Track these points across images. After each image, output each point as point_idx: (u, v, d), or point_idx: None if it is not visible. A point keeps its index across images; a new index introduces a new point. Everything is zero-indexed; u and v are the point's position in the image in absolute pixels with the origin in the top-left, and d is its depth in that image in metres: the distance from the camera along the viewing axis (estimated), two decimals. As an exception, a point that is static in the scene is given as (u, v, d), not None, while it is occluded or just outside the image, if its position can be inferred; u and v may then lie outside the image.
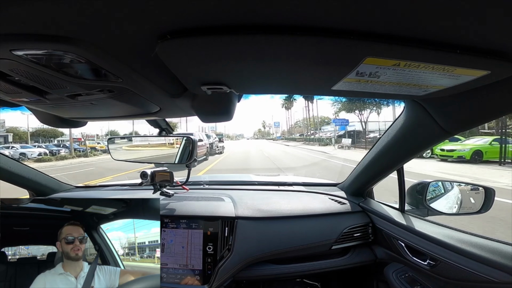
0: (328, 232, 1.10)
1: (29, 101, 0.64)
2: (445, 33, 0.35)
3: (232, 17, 0.32)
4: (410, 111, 0.78)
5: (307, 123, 42.27)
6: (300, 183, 1.52)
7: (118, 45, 0.40)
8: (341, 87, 0.52)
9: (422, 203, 1.06)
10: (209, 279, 0.97)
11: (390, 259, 1.09)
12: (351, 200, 1.25)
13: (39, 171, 1.32)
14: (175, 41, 0.36)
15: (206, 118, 0.85)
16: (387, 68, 0.42)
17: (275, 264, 1.06)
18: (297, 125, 62.14)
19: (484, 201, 0.95)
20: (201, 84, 0.52)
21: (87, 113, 0.80)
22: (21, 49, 0.38)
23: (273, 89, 0.60)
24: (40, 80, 0.49)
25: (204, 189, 1.44)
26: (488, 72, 0.43)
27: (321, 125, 42.14)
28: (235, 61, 0.42)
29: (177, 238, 1.03)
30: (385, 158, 1.00)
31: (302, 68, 0.45)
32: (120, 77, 0.50)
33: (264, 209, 1.12)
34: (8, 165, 1.13)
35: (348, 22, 0.32)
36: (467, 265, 0.78)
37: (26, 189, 1.29)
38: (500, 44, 0.37)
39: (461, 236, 0.85)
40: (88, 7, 0.30)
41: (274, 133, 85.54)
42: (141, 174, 1.11)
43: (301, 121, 53.12)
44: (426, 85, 0.50)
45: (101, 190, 1.54)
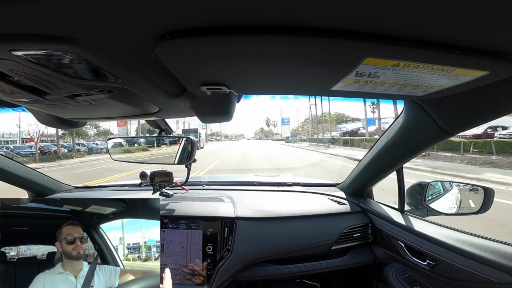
0: (328, 232, 1.10)
1: (28, 102, 0.64)
2: (445, 34, 0.35)
3: (232, 17, 0.32)
4: (410, 111, 0.78)
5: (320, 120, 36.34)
6: (300, 184, 1.51)
7: (118, 45, 0.40)
8: (341, 87, 0.52)
9: (421, 203, 1.06)
10: (209, 279, 0.97)
11: (389, 259, 1.09)
12: (351, 200, 1.25)
13: (38, 172, 1.32)
14: (175, 41, 0.36)
15: (206, 119, 0.85)
16: (387, 68, 0.42)
17: (274, 265, 1.06)
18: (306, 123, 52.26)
19: (483, 201, 0.95)
20: (200, 84, 0.52)
21: (87, 113, 0.80)
22: (21, 49, 0.38)
23: (272, 90, 0.60)
24: (39, 81, 0.49)
25: (204, 190, 1.44)
26: (487, 72, 0.43)
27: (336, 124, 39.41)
28: (234, 61, 0.42)
29: (176, 238, 1.03)
30: (385, 159, 1.00)
31: (301, 69, 0.45)
32: (119, 78, 0.50)
33: (263, 209, 1.12)
34: (7, 166, 1.13)
35: (348, 22, 0.33)
36: (467, 265, 0.78)
37: (25, 190, 1.29)
38: (499, 45, 0.37)
39: (461, 236, 0.85)
40: (88, 7, 0.30)
41: (282, 133, 73.87)
42: (141, 174, 1.11)
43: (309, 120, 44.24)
44: (425, 86, 0.50)
45: (101, 190, 1.54)
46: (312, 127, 39.34)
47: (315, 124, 37.53)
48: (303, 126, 56.84)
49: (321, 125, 35.90)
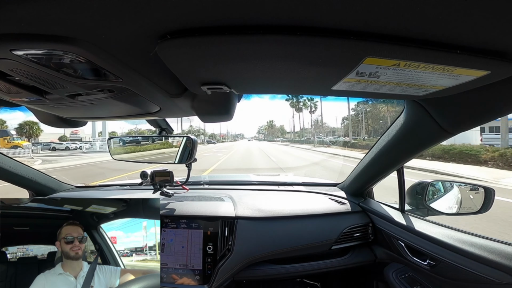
0: (328, 232, 1.10)
1: (29, 101, 0.64)
2: (445, 33, 0.35)
3: (232, 17, 0.32)
4: (410, 111, 0.78)
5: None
6: (300, 183, 1.51)
7: (118, 45, 0.40)
8: (341, 87, 0.52)
9: (422, 203, 1.06)
10: (209, 279, 0.97)
11: (390, 259, 1.09)
12: (351, 200, 1.25)
13: (38, 171, 1.32)
14: (175, 41, 0.36)
15: (206, 118, 0.85)
16: (387, 68, 0.42)
17: (275, 264, 1.06)
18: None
19: (484, 201, 0.95)
20: (201, 84, 0.52)
21: (87, 113, 0.80)
22: (21, 49, 0.38)
23: (273, 89, 0.60)
24: (40, 80, 0.49)
25: (204, 189, 1.44)
26: (488, 72, 0.43)
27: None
28: (235, 61, 0.42)
29: (177, 238, 1.03)
30: (385, 158, 1.00)
31: (302, 68, 0.45)
32: (120, 77, 0.50)
33: (264, 209, 1.12)
34: (8, 165, 1.13)
35: (348, 22, 0.32)
36: (467, 265, 0.78)
37: (25, 189, 1.29)
38: (500, 44, 0.37)
39: (461, 236, 0.85)
40: (88, 7, 0.30)
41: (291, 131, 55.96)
42: (141, 174, 1.11)
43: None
44: (426, 85, 0.50)
45: (101, 190, 1.54)
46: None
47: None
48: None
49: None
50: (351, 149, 18.98)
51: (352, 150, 17.81)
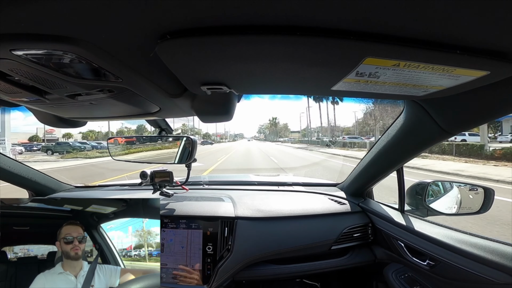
0: (328, 232, 1.10)
1: (29, 101, 0.64)
2: (445, 34, 0.35)
3: (232, 18, 0.32)
4: (410, 111, 0.78)
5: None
6: (300, 183, 1.51)
7: (118, 45, 0.40)
8: (341, 87, 0.52)
9: (421, 203, 1.06)
10: (208, 279, 0.97)
11: (389, 259, 1.09)
12: (351, 200, 1.25)
13: (38, 171, 1.32)
14: (175, 41, 0.36)
15: (206, 118, 0.85)
16: (387, 68, 0.42)
17: (274, 264, 1.06)
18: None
19: (483, 201, 0.95)
20: (201, 84, 0.52)
21: (87, 113, 0.80)
22: (21, 49, 0.38)
23: (272, 89, 0.60)
24: (40, 80, 0.49)
25: (204, 189, 1.44)
26: (487, 73, 0.43)
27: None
28: (234, 61, 0.42)
29: (176, 238, 1.03)
30: (385, 158, 1.00)
31: (301, 69, 0.45)
32: (120, 77, 0.50)
33: (263, 209, 1.12)
34: (7, 165, 1.13)
35: (348, 22, 0.33)
36: (467, 266, 0.78)
37: (25, 189, 1.29)
38: (499, 45, 0.37)
39: (461, 236, 0.85)
40: (88, 7, 0.30)
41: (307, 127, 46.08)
42: (141, 174, 1.11)
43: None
44: (425, 86, 0.50)
45: (101, 190, 1.54)
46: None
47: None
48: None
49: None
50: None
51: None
